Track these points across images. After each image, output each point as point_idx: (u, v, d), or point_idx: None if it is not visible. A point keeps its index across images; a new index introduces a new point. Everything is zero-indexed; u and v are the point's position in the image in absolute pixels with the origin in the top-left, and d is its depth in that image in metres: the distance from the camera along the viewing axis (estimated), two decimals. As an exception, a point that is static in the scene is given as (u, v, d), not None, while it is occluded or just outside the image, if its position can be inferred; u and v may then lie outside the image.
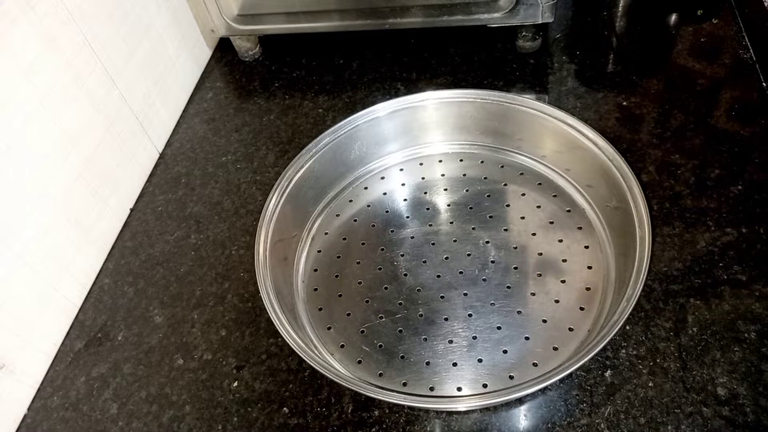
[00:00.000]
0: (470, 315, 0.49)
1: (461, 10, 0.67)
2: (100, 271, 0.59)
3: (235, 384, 0.49)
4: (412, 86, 0.71)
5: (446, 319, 0.49)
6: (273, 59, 0.79)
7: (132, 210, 0.64)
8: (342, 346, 0.49)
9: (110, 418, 0.49)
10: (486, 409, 0.45)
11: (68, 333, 0.55)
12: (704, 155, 0.58)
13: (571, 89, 0.67)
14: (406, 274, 0.53)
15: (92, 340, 0.54)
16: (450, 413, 0.45)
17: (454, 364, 0.47)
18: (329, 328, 0.50)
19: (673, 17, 0.74)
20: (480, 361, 0.47)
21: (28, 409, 0.50)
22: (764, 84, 0.63)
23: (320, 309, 0.52)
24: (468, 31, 0.73)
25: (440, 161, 0.61)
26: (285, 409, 0.47)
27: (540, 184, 0.57)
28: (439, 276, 0.52)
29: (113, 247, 0.61)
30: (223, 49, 0.81)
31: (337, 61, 0.77)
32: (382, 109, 0.58)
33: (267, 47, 0.80)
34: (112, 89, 0.61)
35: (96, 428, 0.48)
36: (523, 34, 0.70)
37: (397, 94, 0.70)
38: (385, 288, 0.52)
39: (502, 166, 0.60)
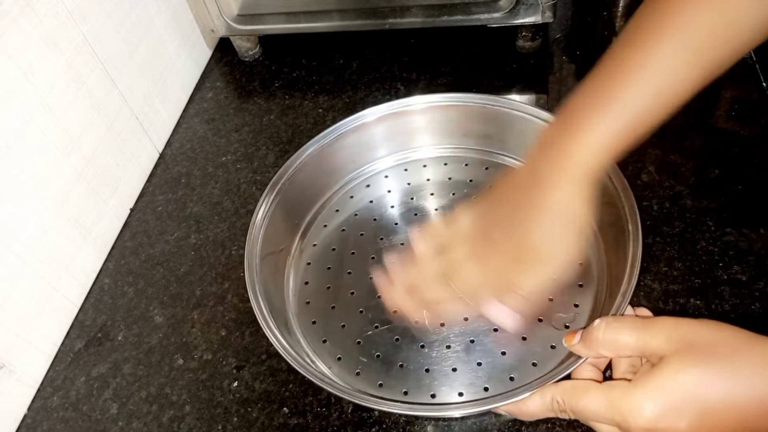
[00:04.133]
0: (466, 319, 0.49)
1: (461, 10, 0.67)
2: (100, 271, 0.59)
3: (235, 384, 0.49)
4: (412, 86, 0.71)
5: (442, 325, 0.49)
6: (273, 59, 0.79)
7: (132, 210, 0.64)
8: (339, 358, 0.48)
9: (110, 418, 0.49)
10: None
11: (68, 333, 0.55)
12: (704, 155, 0.58)
13: (571, 89, 0.67)
14: None
15: (92, 340, 0.54)
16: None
17: (454, 369, 0.46)
18: (324, 341, 0.50)
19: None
20: (479, 364, 0.46)
21: (28, 409, 0.50)
22: (764, 84, 0.63)
23: (314, 322, 0.51)
24: (468, 31, 0.73)
25: (425, 166, 0.61)
26: (285, 409, 0.47)
27: None
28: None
29: (113, 247, 0.61)
30: (223, 49, 0.81)
31: (337, 61, 0.77)
32: (369, 114, 0.58)
33: (267, 47, 0.80)
34: (112, 89, 0.61)
35: (96, 428, 0.48)
36: (523, 34, 0.70)
37: (397, 95, 0.70)
38: (379, 297, 0.51)
39: (487, 168, 0.59)
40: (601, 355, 0.37)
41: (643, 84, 0.37)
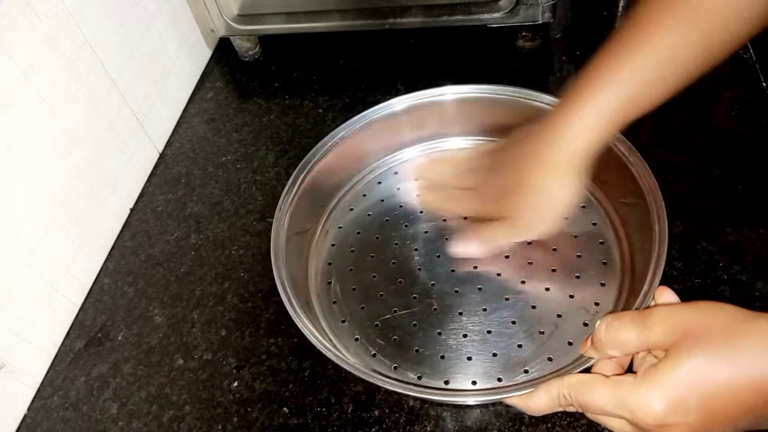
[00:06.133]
0: (485, 309, 0.49)
1: (461, 10, 0.67)
2: (100, 271, 0.59)
3: (235, 384, 0.49)
4: (412, 86, 0.71)
5: (461, 314, 0.49)
6: (273, 59, 0.79)
7: (132, 210, 0.64)
8: (357, 339, 0.49)
9: (110, 418, 0.49)
10: (485, 406, 0.45)
11: (68, 333, 0.55)
12: (704, 155, 0.58)
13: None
14: (420, 269, 0.52)
15: (92, 340, 0.54)
16: (456, 407, 0.46)
17: (469, 358, 0.47)
18: (343, 321, 0.50)
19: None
20: (495, 355, 0.46)
21: (28, 409, 0.50)
22: (764, 84, 0.63)
23: (334, 302, 0.52)
24: (468, 31, 0.73)
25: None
26: (285, 409, 0.47)
27: None
28: (453, 270, 0.52)
29: (113, 247, 0.61)
30: (223, 49, 0.81)
31: (337, 61, 0.77)
32: (397, 103, 0.58)
33: (267, 47, 0.80)
34: (112, 89, 0.61)
35: (96, 428, 0.48)
36: (523, 34, 0.70)
37: (397, 94, 0.70)
38: (400, 282, 0.52)
39: None
40: (611, 355, 0.36)
41: (646, 59, 0.38)
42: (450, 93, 0.59)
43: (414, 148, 0.62)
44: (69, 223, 0.55)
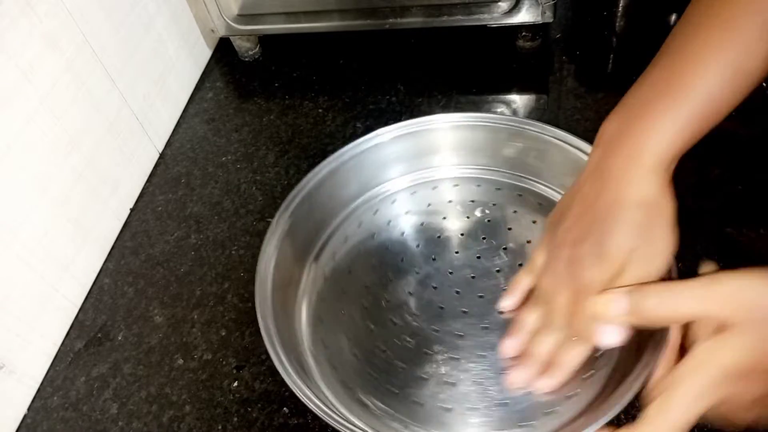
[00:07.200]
0: (494, 350, 0.46)
1: (461, 10, 0.67)
2: (100, 271, 0.59)
3: (235, 384, 0.49)
4: (411, 86, 0.71)
5: (469, 361, 0.46)
6: (273, 59, 0.79)
7: (132, 210, 0.64)
8: (358, 399, 0.45)
9: (110, 418, 0.49)
10: None
11: (68, 333, 0.55)
12: (704, 155, 0.58)
13: (571, 89, 0.67)
14: (417, 314, 0.49)
15: (92, 340, 0.54)
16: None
17: (485, 407, 0.43)
18: (341, 381, 0.46)
19: (673, 17, 0.74)
20: (506, 404, 0.43)
21: (28, 409, 0.50)
22: (764, 84, 0.63)
23: (328, 358, 0.48)
24: (468, 31, 0.73)
25: (445, 186, 0.58)
26: (285, 409, 0.47)
27: (541, 204, 0.55)
28: (461, 310, 0.49)
29: (113, 247, 0.61)
30: (223, 49, 0.81)
31: (337, 61, 0.77)
32: (381, 134, 0.56)
33: (267, 47, 0.80)
34: (112, 89, 0.61)
35: (96, 428, 0.48)
36: (523, 34, 0.71)
37: (397, 95, 0.70)
38: (403, 337, 0.48)
39: (498, 189, 0.57)
40: (646, 326, 0.32)
41: (722, 65, 0.35)
42: (439, 122, 0.56)
43: (396, 180, 0.58)
44: (69, 223, 0.55)
